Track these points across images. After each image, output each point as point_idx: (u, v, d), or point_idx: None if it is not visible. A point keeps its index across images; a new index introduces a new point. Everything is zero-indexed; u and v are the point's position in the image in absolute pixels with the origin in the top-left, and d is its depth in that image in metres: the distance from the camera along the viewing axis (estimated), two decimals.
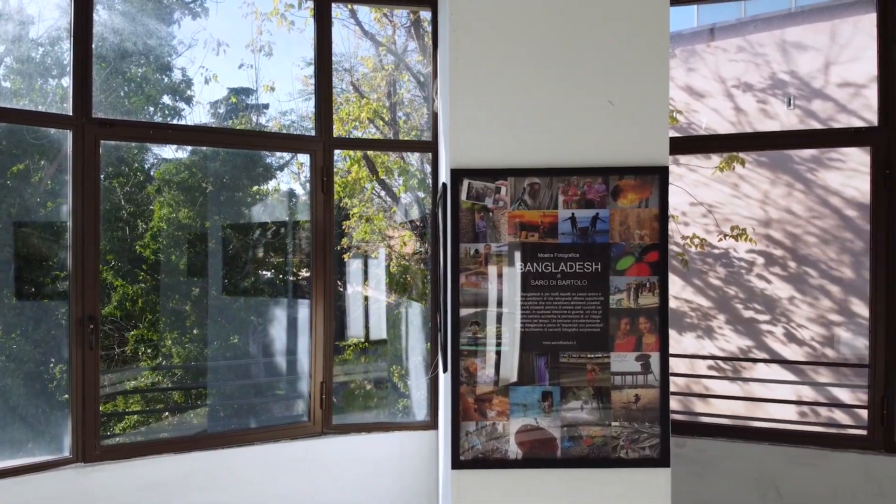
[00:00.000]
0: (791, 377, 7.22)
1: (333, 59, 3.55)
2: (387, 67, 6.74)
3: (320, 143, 3.50)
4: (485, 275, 2.46)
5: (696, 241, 7.55)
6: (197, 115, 6.37)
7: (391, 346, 6.28)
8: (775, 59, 8.06)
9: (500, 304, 2.46)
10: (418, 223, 6.39)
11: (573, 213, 2.46)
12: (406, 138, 6.74)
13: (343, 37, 6.59)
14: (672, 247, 7.71)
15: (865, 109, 7.03)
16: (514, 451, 2.46)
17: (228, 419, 5.43)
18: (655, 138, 2.52)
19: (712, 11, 8.87)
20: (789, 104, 7.92)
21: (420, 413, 4.07)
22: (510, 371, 2.47)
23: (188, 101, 6.37)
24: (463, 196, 2.46)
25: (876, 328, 3.34)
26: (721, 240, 7.65)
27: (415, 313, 5.92)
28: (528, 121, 2.52)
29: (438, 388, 3.31)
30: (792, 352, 7.60)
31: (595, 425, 2.46)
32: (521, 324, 2.46)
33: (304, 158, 3.61)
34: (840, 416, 6.15)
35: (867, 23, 6.93)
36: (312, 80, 3.52)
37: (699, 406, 7.23)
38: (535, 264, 2.46)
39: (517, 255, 2.46)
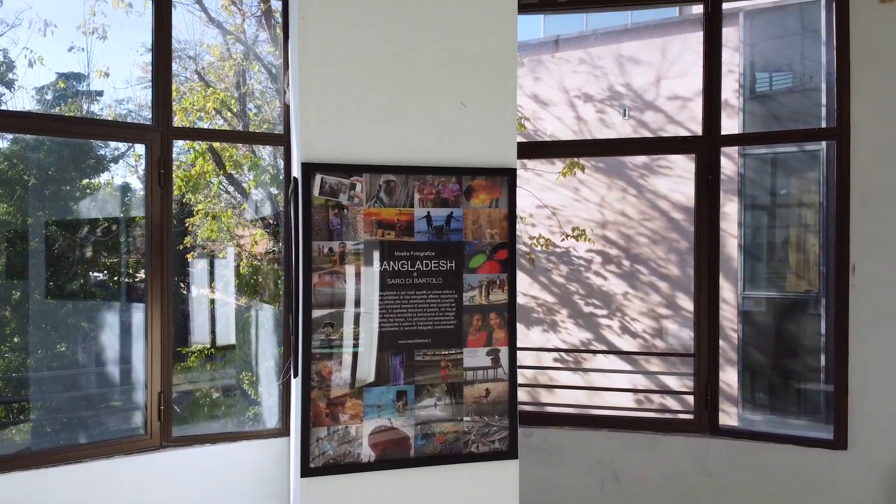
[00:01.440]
0: (626, 367, 7.81)
1: (178, 45, 3.31)
2: (235, 57, 6.40)
3: (157, 133, 3.24)
4: (340, 274, 2.38)
5: (542, 241, 7.94)
6: (20, 100, 5.66)
7: (240, 351, 5.97)
8: (613, 71, 8.68)
9: (357, 303, 2.40)
10: (270, 221, 6.14)
11: (429, 212, 2.46)
12: (257, 131, 6.44)
13: (188, 23, 6.18)
14: (520, 246, 8.05)
15: (690, 121, 7.77)
16: (367, 453, 2.41)
17: (56, 435, 4.89)
18: (504, 141, 2.59)
19: (557, 23, 9.36)
20: (624, 114, 8.56)
21: (271, 420, 3.90)
22: (367, 372, 2.42)
23: (9, 85, 5.65)
24: (316, 192, 2.36)
25: (700, 320, 3.67)
26: (564, 240, 8.10)
27: (266, 316, 5.68)
28: (384, 117, 2.48)
29: (291, 394, 3.18)
30: (626, 343, 8.24)
31: (448, 421, 2.48)
32: (379, 324, 2.42)
33: (142, 150, 3.32)
34: (670, 402, 6.75)
35: (694, 41, 7.67)
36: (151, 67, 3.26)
37: (545, 396, 7.61)
38: (392, 263, 2.43)
39: (374, 253, 2.41)
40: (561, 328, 8.55)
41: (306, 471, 2.35)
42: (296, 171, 2.46)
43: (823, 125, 6.57)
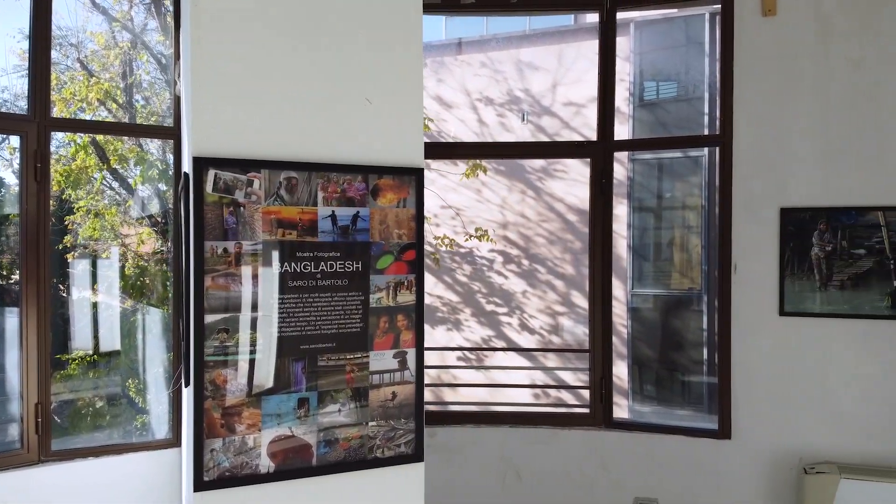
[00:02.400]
0: (526, 363, 8.01)
1: (58, 32, 3.07)
2: (122, 45, 5.99)
3: (33, 124, 3.02)
4: (236, 276, 2.26)
5: (447, 241, 8.01)
6: None
7: (126, 357, 5.59)
8: (512, 76, 8.87)
9: (254, 307, 2.28)
10: (159, 219, 5.79)
11: (333, 211, 2.39)
12: (145, 123, 6.06)
13: (70, 8, 5.72)
14: (426, 246, 8.04)
15: (584, 126, 8.07)
16: (265, 464, 2.30)
17: None
18: (411, 140, 2.57)
19: (459, 26, 9.46)
20: (523, 119, 8.78)
21: (161, 430, 3.66)
22: (265, 379, 2.31)
23: None
24: (209, 188, 2.23)
25: (594, 317, 3.81)
26: (467, 240, 8.21)
27: (154, 320, 5.35)
28: (284, 111, 2.38)
29: (182, 403, 3.01)
30: (525, 339, 8.45)
31: (352, 427, 2.42)
32: (278, 328, 2.32)
33: (16, 142, 3.12)
34: (567, 396, 6.97)
35: (588, 49, 7.97)
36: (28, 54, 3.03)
37: (449, 395, 7.66)
38: (293, 264, 2.33)
39: (274, 254, 2.31)
40: (464, 326, 8.64)
41: (200, 484, 2.22)
42: (186, 166, 2.32)
43: (706, 132, 7.01)
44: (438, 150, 5.14)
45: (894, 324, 3.35)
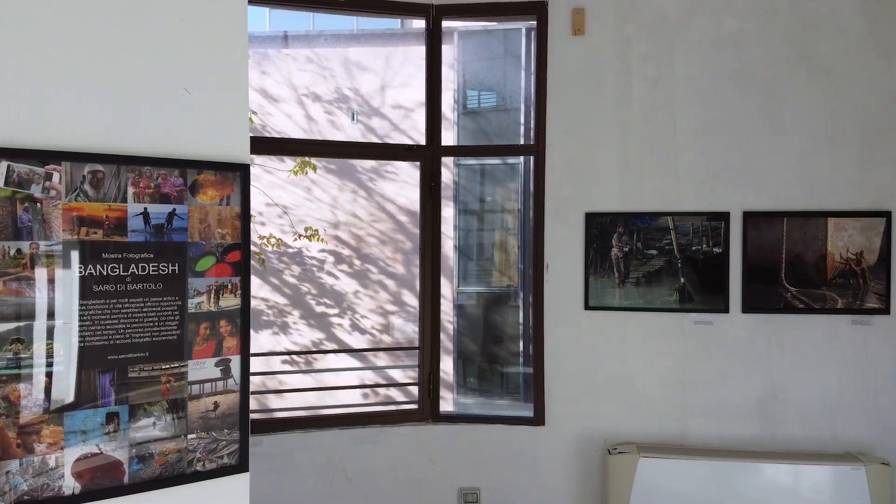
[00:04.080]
0: (356, 363, 8.01)
1: None
2: None
3: None
4: (31, 280, 2.01)
5: (273, 240, 7.76)
6: None
7: None
8: (341, 75, 8.82)
9: (52, 315, 2.04)
10: None
11: (146, 208, 2.20)
12: None
13: None
14: (251, 246, 7.74)
15: (413, 130, 8.25)
16: (70, 485, 2.08)
17: None
18: (236, 134, 2.45)
19: (284, 19, 9.21)
20: (353, 118, 8.76)
21: None
22: (65, 394, 2.08)
23: None
24: (0, 182, 1.96)
25: (424, 315, 3.92)
26: (296, 239, 8.03)
27: None
28: (88, 98, 2.15)
29: None
30: (357, 340, 8.44)
31: (169, 441, 2.26)
32: (81, 337, 2.09)
33: None
34: (397, 394, 7.07)
35: (415, 54, 8.13)
36: None
37: (275, 401, 7.43)
38: (98, 266, 2.12)
39: (74, 255, 2.08)
40: (292, 329, 8.43)
41: None
42: None
43: (522, 142, 7.48)
44: (265, 145, 4.95)
45: (681, 315, 3.81)
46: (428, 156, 3.88)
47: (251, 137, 2.66)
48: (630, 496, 3.54)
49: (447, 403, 7.22)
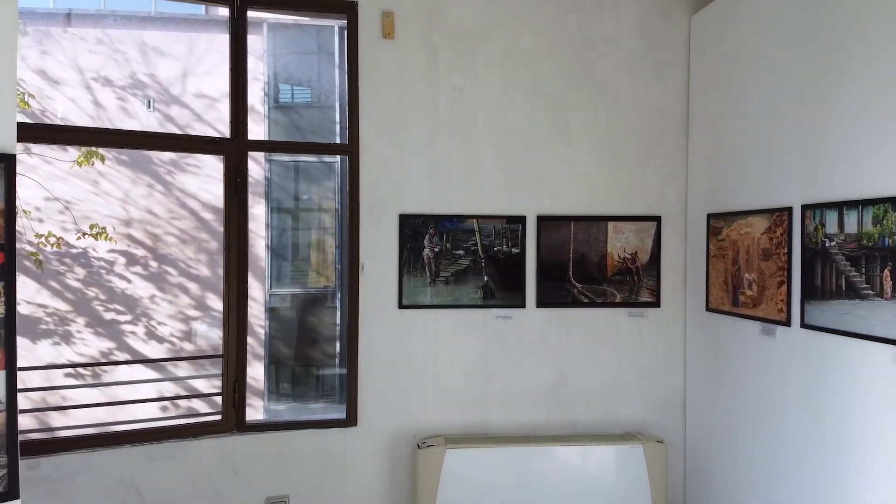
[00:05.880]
0: (154, 375, 7.38)
1: None
2: None
3: None
4: None
5: (53, 239, 6.90)
6: None
7: None
8: (135, 59, 8.11)
9: None
10: None
11: None
12: None
13: None
14: (25, 245, 6.85)
15: (218, 121, 7.80)
16: None
17: None
18: (1, 121, 2.14)
19: None
20: (149, 106, 8.09)
21: None
22: None
23: None
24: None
25: (229, 320, 3.72)
26: (80, 238, 7.21)
27: None
28: None
29: None
30: (153, 349, 7.79)
31: None
32: None
33: None
34: (200, 405, 6.64)
35: (220, 42, 7.70)
36: None
37: (58, 420, 6.62)
38: None
39: None
40: (77, 339, 7.57)
41: None
42: None
43: (338, 140, 7.41)
44: (43, 132, 4.37)
45: (485, 311, 4.02)
46: (232, 150, 3.68)
47: (27, 124, 2.33)
48: (438, 487, 3.66)
49: (256, 412, 6.94)
